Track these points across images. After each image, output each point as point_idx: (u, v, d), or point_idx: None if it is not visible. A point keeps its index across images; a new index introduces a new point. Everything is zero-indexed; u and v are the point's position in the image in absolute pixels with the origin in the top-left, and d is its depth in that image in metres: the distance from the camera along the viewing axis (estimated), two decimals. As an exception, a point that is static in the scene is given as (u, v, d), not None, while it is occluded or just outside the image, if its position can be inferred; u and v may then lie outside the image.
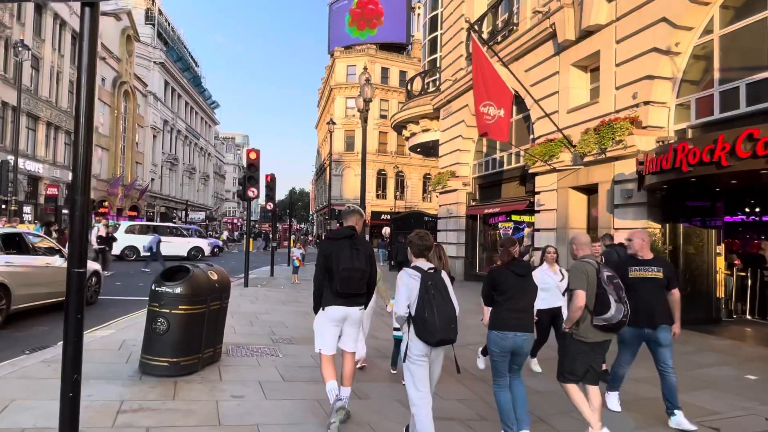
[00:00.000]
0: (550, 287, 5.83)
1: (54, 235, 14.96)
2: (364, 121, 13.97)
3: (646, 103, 10.17)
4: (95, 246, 15.43)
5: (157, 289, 5.06)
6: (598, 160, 10.91)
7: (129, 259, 22.25)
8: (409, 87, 25.30)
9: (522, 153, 14.46)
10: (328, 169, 45.14)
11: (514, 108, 14.18)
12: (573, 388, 4.02)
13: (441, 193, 19.94)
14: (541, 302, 5.54)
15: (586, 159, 11.18)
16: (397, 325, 4.64)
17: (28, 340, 6.77)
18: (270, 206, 18.15)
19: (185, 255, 24.15)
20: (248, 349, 6.45)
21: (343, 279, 3.90)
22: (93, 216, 33.67)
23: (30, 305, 7.89)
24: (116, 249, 21.36)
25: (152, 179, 46.87)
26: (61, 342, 6.48)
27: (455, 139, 18.80)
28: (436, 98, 20.46)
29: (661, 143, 9.67)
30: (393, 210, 40.35)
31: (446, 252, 5.31)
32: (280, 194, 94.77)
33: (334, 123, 29.43)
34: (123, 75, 39.58)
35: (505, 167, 16.23)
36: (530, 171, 13.46)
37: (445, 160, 19.80)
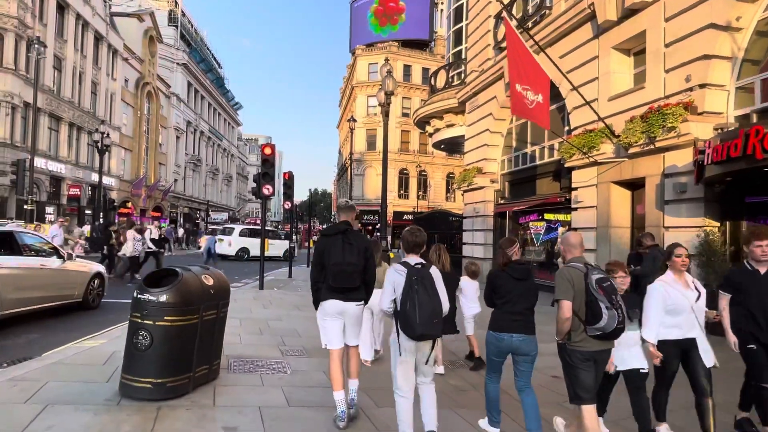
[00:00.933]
0: (681, 309, 3.86)
1: (113, 237, 14.48)
2: (386, 115, 13.14)
3: (702, 86, 9.02)
4: (150, 248, 14.88)
5: (139, 296, 4.29)
6: (646, 151, 9.81)
7: (243, 260, 24.82)
8: (432, 81, 24.30)
9: (556, 145, 13.38)
10: (349, 168, 44.49)
11: (547, 98, 13.09)
12: (590, 411, 3.46)
13: (466, 191, 18.89)
14: (666, 330, 3.83)
15: (631, 150, 10.08)
16: None
17: (13, 349, 6.11)
18: (287, 205, 17.50)
19: (281, 255, 26.73)
20: (252, 363, 5.66)
21: (335, 273, 3.98)
22: (116, 216, 33.75)
23: (21, 310, 7.24)
24: (232, 251, 25.05)
25: (175, 180, 46.99)
26: (45, 353, 5.82)
27: (482, 133, 17.77)
28: (461, 91, 19.46)
29: (719, 130, 8.54)
30: (416, 210, 39.43)
31: (446, 253, 5.80)
32: (303, 195, 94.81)
33: (355, 120, 28.64)
34: (146, 76, 39.69)
35: (537, 162, 15.11)
36: (566, 165, 12.38)
37: (470, 156, 18.78)
